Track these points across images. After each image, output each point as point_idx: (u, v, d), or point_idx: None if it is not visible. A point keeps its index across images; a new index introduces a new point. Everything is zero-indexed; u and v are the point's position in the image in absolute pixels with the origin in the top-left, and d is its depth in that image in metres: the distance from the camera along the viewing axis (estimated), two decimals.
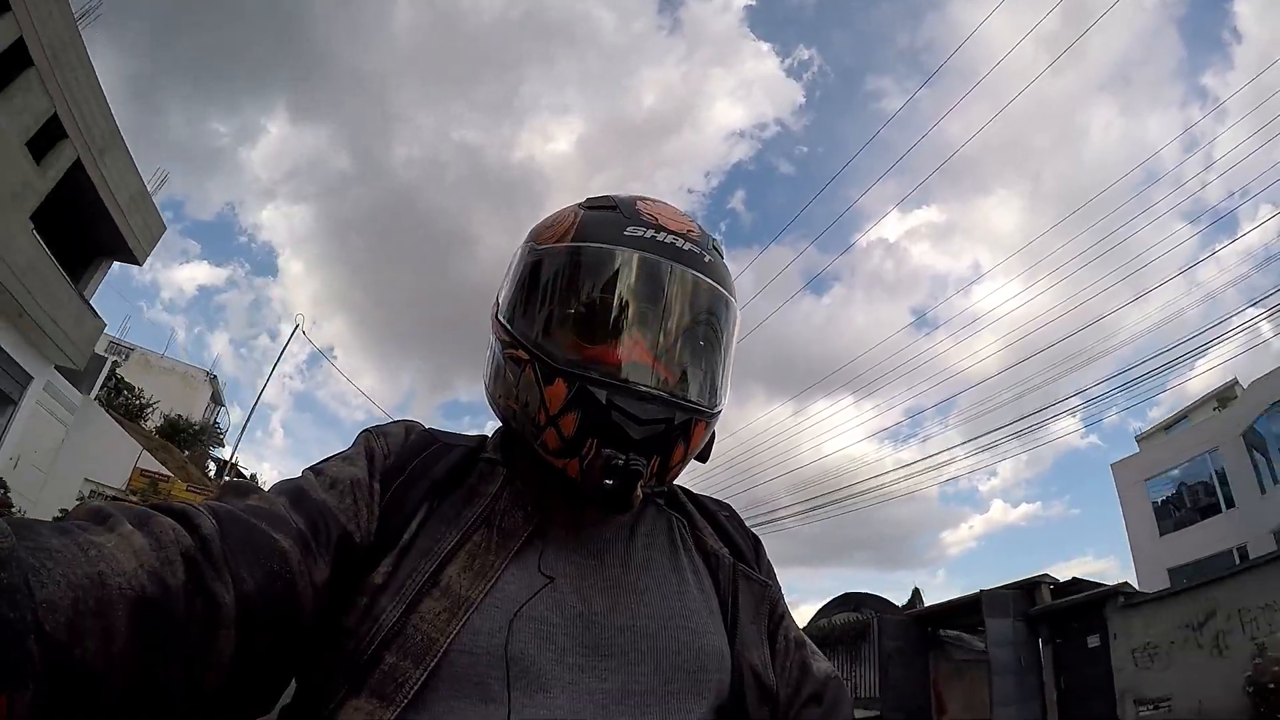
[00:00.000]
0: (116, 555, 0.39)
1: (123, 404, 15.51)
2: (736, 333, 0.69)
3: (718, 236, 0.70)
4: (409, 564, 0.55)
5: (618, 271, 0.62)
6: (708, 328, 0.65)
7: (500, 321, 0.66)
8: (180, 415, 17.81)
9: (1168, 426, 18.10)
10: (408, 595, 0.53)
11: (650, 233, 0.63)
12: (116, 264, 11.59)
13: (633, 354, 0.60)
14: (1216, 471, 14.72)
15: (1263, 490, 13.54)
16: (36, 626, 0.33)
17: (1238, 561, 11.74)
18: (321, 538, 0.53)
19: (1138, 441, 18.69)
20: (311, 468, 0.61)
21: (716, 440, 0.70)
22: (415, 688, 0.49)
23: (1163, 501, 15.76)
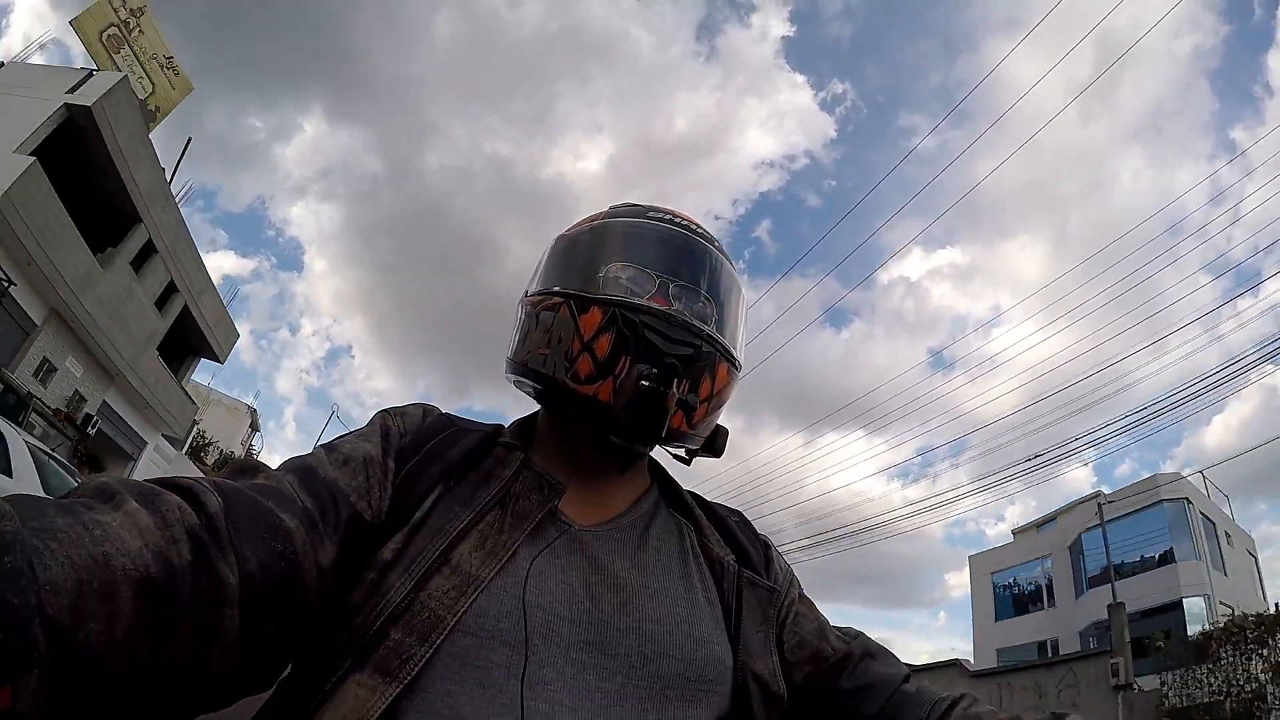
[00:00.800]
0: (122, 534, 0.38)
1: (192, 444, 20.00)
2: (745, 313, 0.71)
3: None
4: (420, 541, 0.54)
5: (646, 235, 0.67)
6: (725, 290, 0.67)
7: (531, 295, 0.69)
8: (233, 453, 22.31)
9: (1039, 525, 21.04)
10: (417, 572, 0.52)
11: (669, 217, 0.69)
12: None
13: (667, 291, 0.63)
14: (1046, 573, 17.86)
15: (1077, 595, 16.64)
16: (40, 610, 0.32)
17: (1050, 654, 14.83)
18: (329, 517, 0.52)
19: (1013, 534, 21.67)
20: (324, 444, 0.60)
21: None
22: (420, 664, 0.48)
23: (1003, 589, 18.93)
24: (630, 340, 0.59)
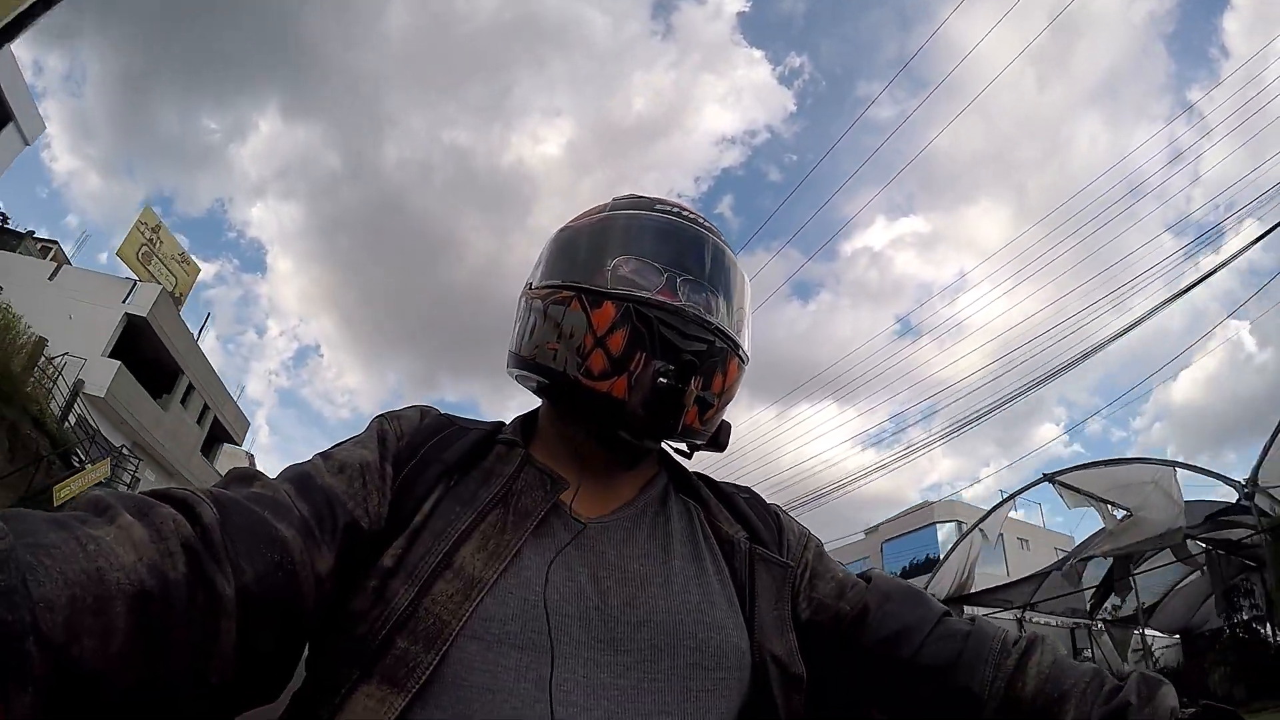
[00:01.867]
0: (115, 549, 0.38)
1: None
2: (750, 311, 0.71)
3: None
4: (421, 545, 0.53)
5: (654, 226, 0.66)
6: (731, 283, 0.67)
7: (536, 288, 0.68)
8: None
9: (868, 530, 25.04)
10: (420, 577, 0.51)
11: (675, 209, 0.68)
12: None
13: (675, 286, 0.62)
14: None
15: None
16: (34, 628, 0.32)
17: None
18: (326, 525, 0.52)
19: (864, 532, 25.37)
20: (321, 452, 0.59)
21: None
22: (427, 673, 0.48)
23: None
24: (645, 336, 0.58)
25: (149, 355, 15.81)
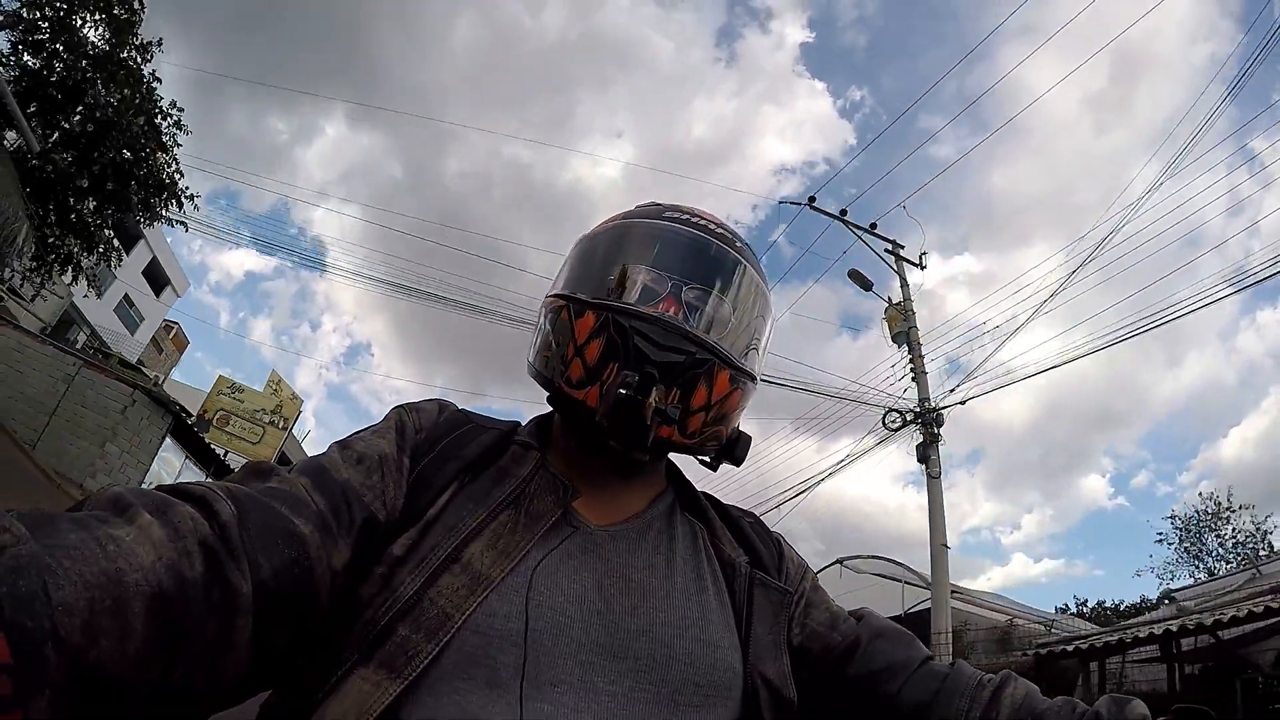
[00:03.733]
0: (135, 549, 0.38)
1: None
2: (769, 318, 0.70)
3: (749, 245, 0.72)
4: (432, 538, 0.54)
5: (654, 236, 0.66)
6: (737, 295, 0.66)
7: (548, 296, 0.69)
8: None
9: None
10: (427, 569, 0.52)
11: (686, 216, 0.68)
12: None
13: (661, 301, 0.62)
14: None
15: None
16: (53, 633, 0.32)
17: None
18: (343, 519, 0.52)
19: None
20: (340, 441, 0.60)
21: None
22: (425, 662, 0.48)
23: None
24: (619, 346, 0.59)
25: None
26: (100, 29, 8.59)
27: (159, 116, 9.19)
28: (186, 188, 9.59)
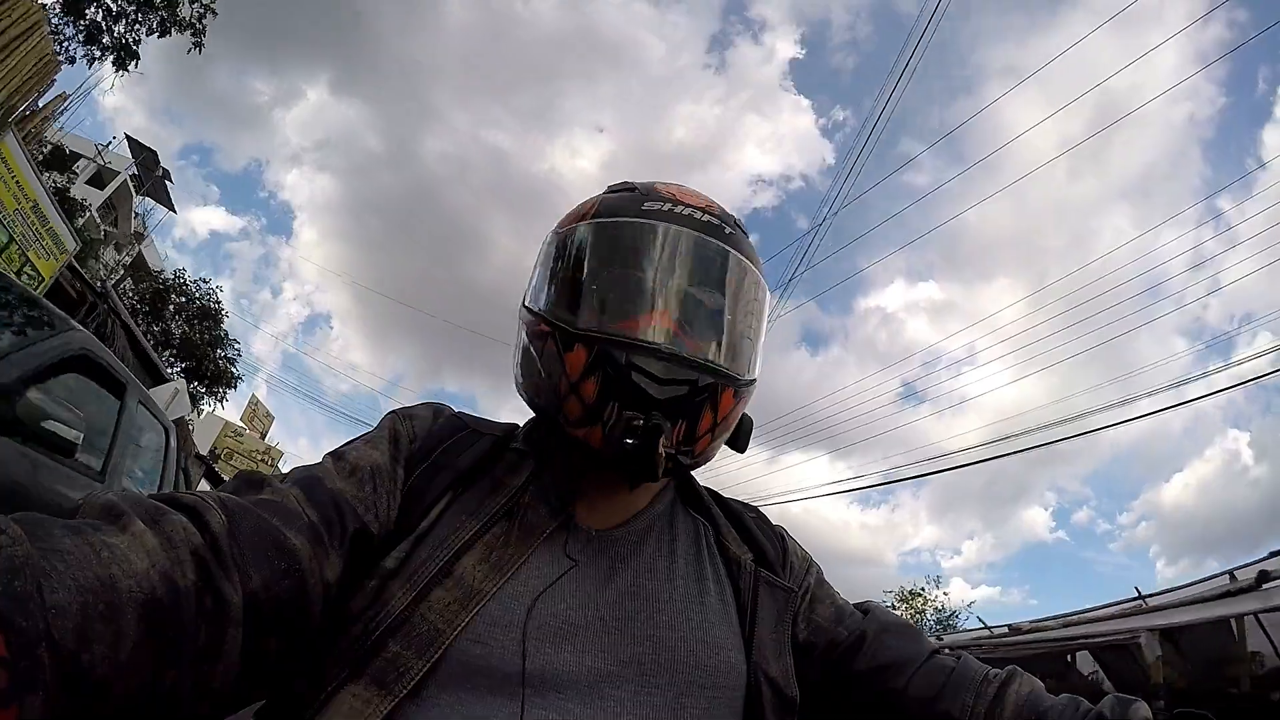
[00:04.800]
0: (129, 556, 0.39)
1: None
2: (766, 306, 0.67)
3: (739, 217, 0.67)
4: (423, 552, 0.53)
5: (635, 239, 0.61)
6: (731, 295, 0.62)
7: (526, 307, 0.66)
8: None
9: None
10: (418, 583, 0.51)
11: (668, 206, 0.62)
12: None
13: (652, 318, 0.58)
14: None
15: None
16: (46, 634, 0.33)
17: None
18: (335, 530, 0.52)
19: None
20: (333, 452, 0.59)
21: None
22: (416, 679, 0.48)
23: None
24: (615, 384, 0.56)
25: None
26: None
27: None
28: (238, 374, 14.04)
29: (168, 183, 15.98)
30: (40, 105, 8.23)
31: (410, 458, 0.61)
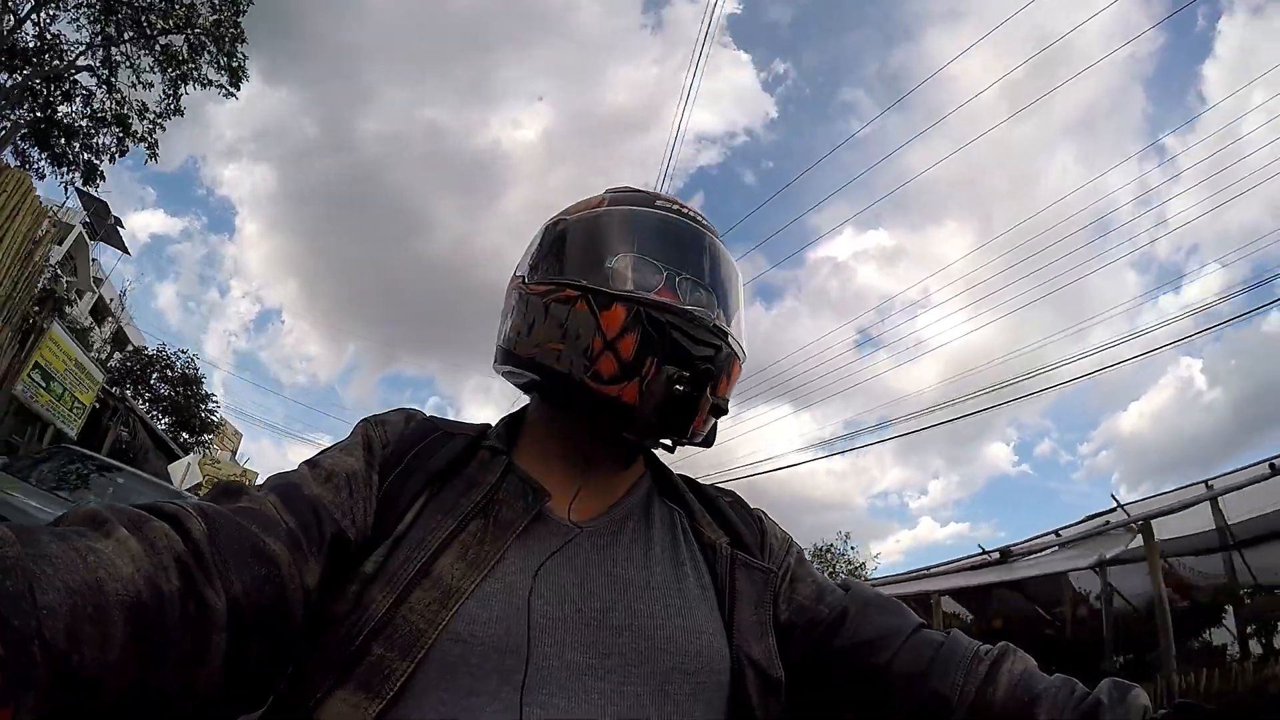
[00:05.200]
0: (114, 560, 0.39)
1: None
2: (744, 309, 0.72)
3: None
4: (401, 554, 0.54)
5: (655, 224, 0.66)
6: (734, 289, 0.69)
7: (533, 283, 0.67)
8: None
9: None
10: (398, 585, 0.52)
11: (676, 206, 0.69)
12: None
13: (683, 289, 0.64)
14: None
15: None
16: (38, 633, 0.33)
17: None
18: (313, 536, 0.52)
19: None
20: (307, 460, 0.60)
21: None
22: (402, 680, 0.49)
23: None
24: (656, 341, 0.59)
25: None
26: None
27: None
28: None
29: (119, 229, 16.75)
30: (53, 263, 10.53)
31: (384, 463, 0.62)
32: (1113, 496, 7.95)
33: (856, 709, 0.63)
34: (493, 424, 0.72)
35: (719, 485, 0.77)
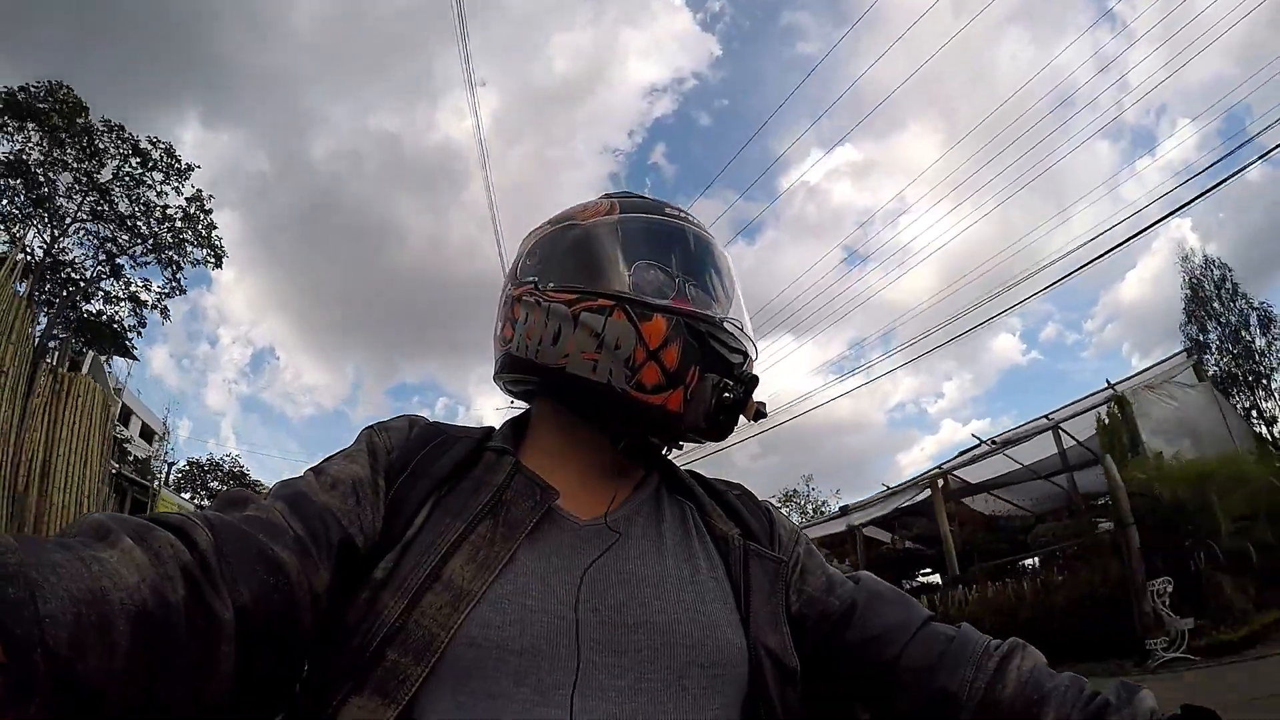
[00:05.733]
0: (119, 570, 0.39)
1: None
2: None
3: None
4: (411, 558, 0.54)
5: (677, 235, 0.68)
6: (734, 289, 0.71)
7: (553, 290, 0.65)
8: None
9: None
10: (409, 590, 0.52)
11: (683, 214, 0.71)
12: None
13: (701, 296, 0.66)
14: None
15: None
16: (41, 641, 0.33)
17: None
18: (321, 543, 0.52)
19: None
20: (313, 468, 0.60)
21: None
22: (417, 685, 0.49)
23: None
24: (697, 350, 0.61)
25: None
26: None
27: None
28: None
29: (128, 342, 17.92)
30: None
31: (390, 468, 0.61)
32: (1107, 381, 10.37)
33: (865, 702, 0.64)
34: (496, 427, 0.72)
35: (726, 480, 0.78)
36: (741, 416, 0.64)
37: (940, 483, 10.63)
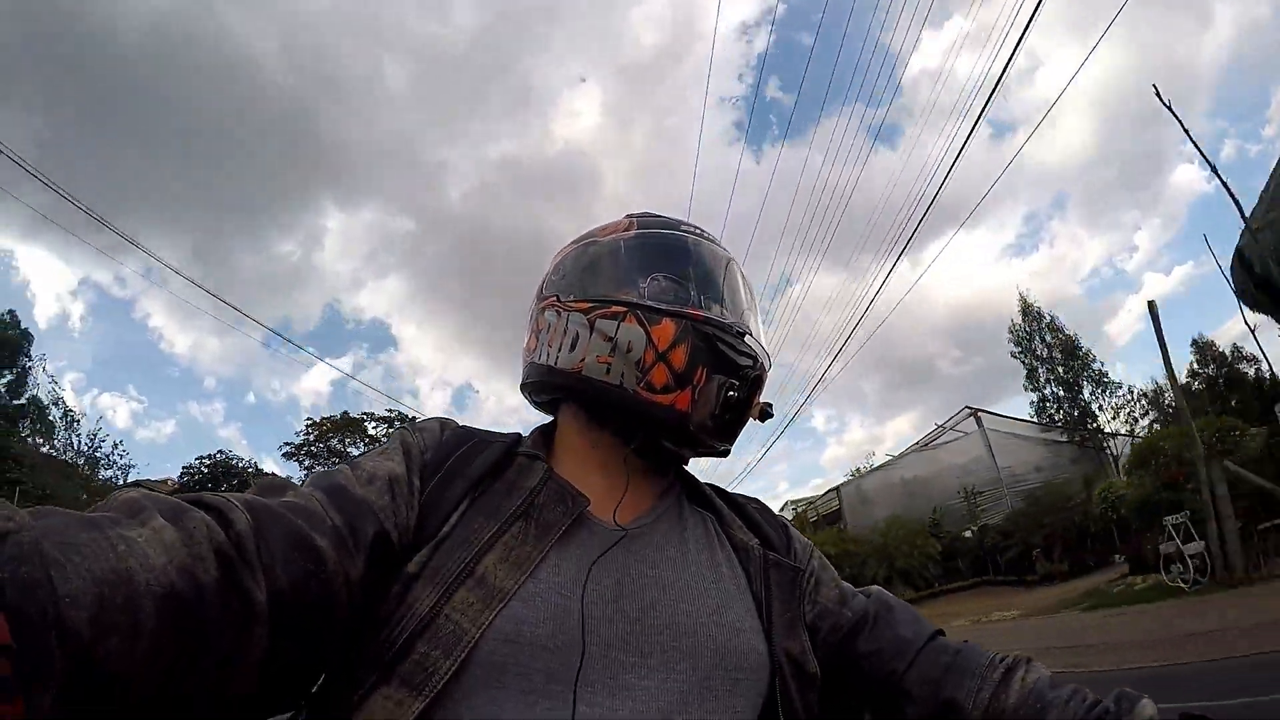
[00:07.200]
0: (147, 550, 0.38)
1: None
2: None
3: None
4: (445, 554, 0.55)
5: (690, 250, 0.70)
6: (753, 304, 0.73)
7: (572, 301, 0.68)
8: None
9: None
10: (442, 584, 0.53)
11: (699, 231, 0.73)
12: None
13: (723, 309, 0.68)
14: None
15: None
16: (58, 622, 0.32)
17: None
18: (359, 535, 0.53)
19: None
20: (349, 462, 0.60)
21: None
22: (445, 678, 0.49)
23: None
24: (704, 351, 0.63)
25: None
26: None
27: None
28: None
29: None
30: None
31: (424, 468, 0.62)
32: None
33: (875, 710, 0.66)
34: (524, 434, 0.73)
35: (745, 495, 0.80)
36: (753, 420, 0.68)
37: None
